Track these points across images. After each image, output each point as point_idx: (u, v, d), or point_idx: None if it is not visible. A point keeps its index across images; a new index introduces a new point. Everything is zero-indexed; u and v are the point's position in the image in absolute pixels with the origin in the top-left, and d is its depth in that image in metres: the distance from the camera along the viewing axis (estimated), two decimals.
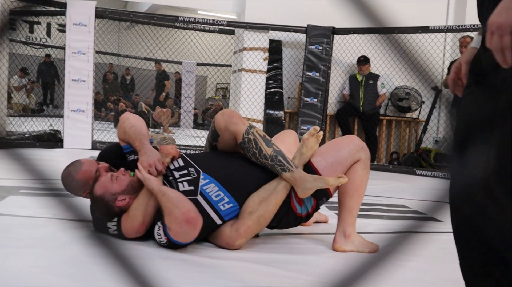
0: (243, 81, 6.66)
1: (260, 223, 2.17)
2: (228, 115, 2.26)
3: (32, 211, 2.61)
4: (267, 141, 2.24)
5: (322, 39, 6.49)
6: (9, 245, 2.01)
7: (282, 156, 2.21)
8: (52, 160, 4.71)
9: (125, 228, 2.11)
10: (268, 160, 2.21)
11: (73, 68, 5.93)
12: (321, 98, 6.56)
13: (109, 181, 2.13)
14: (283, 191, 2.19)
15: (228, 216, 2.17)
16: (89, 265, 1.81)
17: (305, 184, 2.17)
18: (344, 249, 2.23)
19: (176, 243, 2.04)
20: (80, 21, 5.93)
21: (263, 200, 2.17)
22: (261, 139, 2.24)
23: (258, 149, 2.22)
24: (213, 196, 2.15)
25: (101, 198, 2.12)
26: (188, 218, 1.98)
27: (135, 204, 2.11)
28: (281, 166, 2.19)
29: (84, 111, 5.98)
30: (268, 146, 2.23)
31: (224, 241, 2.15)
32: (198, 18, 6.66)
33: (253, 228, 2.15)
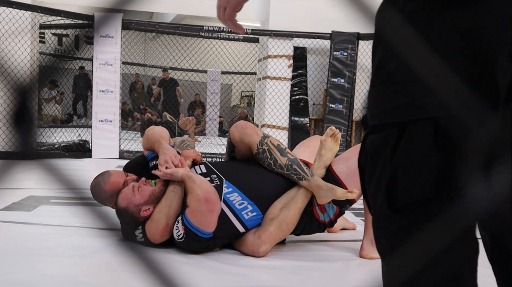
0: (268, 88, 6.67)
1: (283, 228, 2.17)
2: (242, 127, 2.29)
3: (62, 220, 2.65)
4: (281, 150, 2.25)
5: (347, 45, 6.46)
6: (41, 254, 2.05)
7: (297, 164, 2.22)
8: (81, 169, 4.79)
9: (150, 233, 2.13)
10: (284, 170, 2.23)
11: (100, 79, 6.03)
12: (347, 104, 6.52)
13: (131, 192, 2.15)
14: (304, 196, 2.20)
15: (251, 223, 2.18)
16: (120, 273, 1.83)
17: (319, 192, 2.19)
18: (371, 256, 2.21)
19: (192, 231, 2.04)
20: (107, 33, 6.04)
21: (284, 206, 2.18)
22: (275, 149, 2.25)
23: (273, 159, 2.23)
24: (236, 205, 2.17)
25: (126, 210, 2.14)
26: (208, 197, 2.02)
27: (158, 208, 2.14)
28: (297, 175, 2.20)
29: (112, 121, 6.07)
30: (282, 155, 2.24)
31: (249, 249, 2.16)
32: (222, 27, 6.71)
33: (275, 234, 2.15)
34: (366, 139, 0.84)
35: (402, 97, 0.77)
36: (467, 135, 0.75)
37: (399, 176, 0.78)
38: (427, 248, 0.76)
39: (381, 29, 0.82)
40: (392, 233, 0.81)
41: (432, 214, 0.77)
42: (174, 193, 2.15)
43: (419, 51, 0.75)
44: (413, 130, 0.76)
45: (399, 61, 0.77)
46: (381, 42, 0.82)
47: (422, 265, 0.76)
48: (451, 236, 0.76)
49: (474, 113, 0.75)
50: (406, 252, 0.78)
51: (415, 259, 0.77)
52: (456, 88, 0.74)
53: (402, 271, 0.79)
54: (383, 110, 0.80)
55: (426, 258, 0.76)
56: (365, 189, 0.86)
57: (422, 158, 0.76)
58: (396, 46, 0.77)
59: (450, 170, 0.76)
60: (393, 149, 0.78)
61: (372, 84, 0.84)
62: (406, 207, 0.78)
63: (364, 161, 0.84)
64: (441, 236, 0.76)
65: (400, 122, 0.78)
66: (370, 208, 0.85)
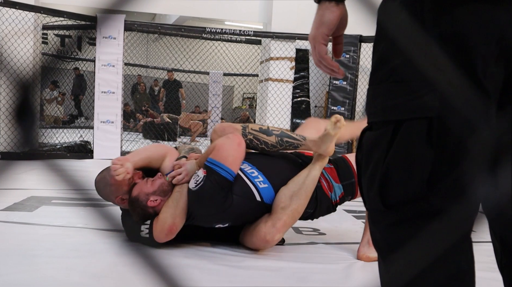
0: (270, 90, 6.67)
1: (294, 217, 2.21)
2: (220, 131, 2.33)
3: (64, 221, 2.65)
4: (266, 131, 2.28)
5: (349, 47, 6.46)
6: (42, 255, 2.05)
7: (286, 136, 2.26)
8: (82, 170, 4.79)
9: (155, 231, 2.14)
10: (278, 147, 2.27)
11: (102, 80, 6.04)
12: (349, 107, 6.52)
13: (145, 183, 2.22)
14: (312, 183, 2.23)
15: (265, 195, 2.21)
16: (122, 274, 1.83)
17: (321, 146, 2.22)
18: (368, 256, 2.21)
19: (215, 170, 2.10)
20: (109, 34, 6.05)
21: (294, 194, 2.20)
22: (259, 133, 2.28)
23: (263, 143, 2.27)
24: (248, 172, 2.23)
25: (136, 198, 2.18)
26: (234, 135, 2.18)
27: (165, 207, 2.17)
28: (292, 145, 2.26)
29: (114, 122, 6.08)
30: (269, 135, 2.27)
31: (262, 238, 2.18)
32: (225, 29, 6.72)
33: (288, 222, 2.19)
34: (363, 136, 0.86)
35: (400, 96, 0.78)
36: (464, 134, 0.76)
37: (392, 172, 0.79)
38: (424, 248, 0.77)
39: (382, 26, 0.83)
40: (386, 228, 0.83)
41: (425, 211, 0.78)
42: (180, 193, 2.18)
43: (422, 50, 0.76)
44: (407, 128, 0.78)
45: (400, 59, 0.78)
46: (382, 39, 0.82)
47: (420, 265, 0.77)
48: (446, 234, 0.77)
49: (472, 113, 0.75)
50: (403, 252, 0.79)
51: (413, 259, 0.78)
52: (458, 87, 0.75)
53: (401, 273, 0.80)
54: (381, 107, 0.82)
55: (424, 258, 0.77)
56: (361, 184, 0.87)
57: (416, 155, 0.77)
58: (400, 43, 0.78)
59: (443, 168, 0.77)
60: (388, 146, 0.79)
61: (371, 81, 0.85)
62: (398, 203, 0.80)
63: (360, 157, 0.86)
64: (437, 235, 0.77)
65: (396, 120, 0.79)
66: (365, 203, 0.86)
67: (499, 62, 0.76)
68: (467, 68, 0.75)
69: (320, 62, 0.95)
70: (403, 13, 0.79)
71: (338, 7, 0.91)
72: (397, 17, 0.80)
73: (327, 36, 0.93)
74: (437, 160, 0.76)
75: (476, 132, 0.76)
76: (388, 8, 0.83)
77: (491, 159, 0.79)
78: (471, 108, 0.75)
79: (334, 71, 0.96)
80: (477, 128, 0.76)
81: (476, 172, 0.77)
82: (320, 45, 0.93)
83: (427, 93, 0.76)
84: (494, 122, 0.78)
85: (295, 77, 6.77)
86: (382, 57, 0.82)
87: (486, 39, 0.75)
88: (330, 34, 0.93)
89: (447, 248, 0.77)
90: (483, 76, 0.76)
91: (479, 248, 1.00)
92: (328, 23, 0.91)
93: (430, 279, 0.78)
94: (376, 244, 0.86)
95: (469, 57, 0.75)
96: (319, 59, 0.95)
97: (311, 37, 0.94)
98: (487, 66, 0.75)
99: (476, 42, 0.75)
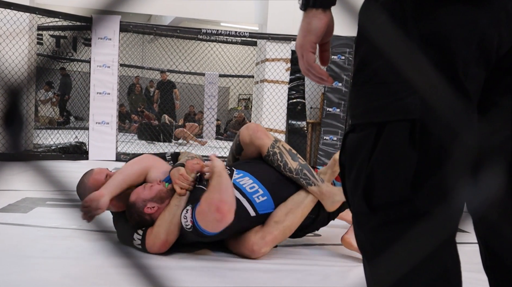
0: (265, 91, 6.67)
1: (286, 233, 2.19)
2: (253, 130, 2.28)
3: (58, 222, 2.64)
4: (293, 155, 2.27)
5: (344, 49, 6.47)
6: (36, 256, 2.04)
7: (308, 170, 2.23)
8: (77, 171, 4.76)
9: (148, 243, 2.12)
10: (293, 174, 2.23)
11: (98, 81, 6.02)
12: (344, 108, 6.53)
13: (142, 188, 2.18)
14: (310, 204, 2.22)
15: (262, 208, 2.17)
16: (115, 276, 1.83)
17: (334, 198, 2.20)
18: (351, 243, 2.20)
19: (198, 229, 2.00)
20: (105, 35, 6.04)
21: (291, 211, 2.18)
22: (286, 153, 2.26)
23: (283, 162, 2.24)
24: (247, 188, 2.18)
25: (134, 204, 2.15)
26: (220, 206, 1.94)
27: (160, 220, 2.11)
28: (306, 179, 2.22)
29: (109, 123, 6.07)
30: (294, 160, 2.25)
31: (249, 247, 2.15)
32: (220, 30, 6.72)
33: (278, 237, 2.17)
34: (346, 138, 0.86)
35: (382, 98, 0.78)
36: (446, 136, 0.76)
37: (377, 175, 0.79)
38: (409, 250, 0.77)
39: (364, 28, 0.83)
40: (370, 230, 0.82)
41: (409, 213, 0.78)
42: (178, 207, 2.12)
43: (403, 51, 0.77)
44: (391, 131, 0.78)
45: (382, 60, 0.78)
46: (364, 41, 0.83)
47: (405, 267, 0.77)
48: (431, 236, 0.77)
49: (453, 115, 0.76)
50: (388, 254, 0.79)
51: (398, 261, 0.78)
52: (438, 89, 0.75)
53: (386, 275, 0.80)
54: (364, 109, 0.81)
55: (409, 260, 0.77)
56: (345, 186, 0.87)
57: (399, 158, 0.77)
58: (381, 45, 0.78)
59: (426, 170, 0.76)
60: (371, 148, 0.79)
61: (353, 83, 0.85)
62: (383, 205, 0.79)
63: (344, 159, 0.86)
64: (422, 237, 0.77)
65: (380, 122, 0.79)
66: (350, 205, 0.86)
67: (480, 63, 0.76)
68: (448, 69, 0.75)
69: (308, 70, 0.93)
70: (384, 14, 0.79)
71: (325, 14, 0.90)
72: (378, 18, 0.80)
73: (315, 44, 0.91)
74: (421, 162, 0.76)
75: (458, 134, 0.76)
76: (369, 10, 0.83)
77: (473, 162, 0.79)
78: (452, 110, 0.75)
79: (323, 79, 0.93)
80: (459, 130, 0.76)
81: (459, 174, 0.77)
82: (308, 53, 0.91)
83: (409, 95, 0.76)
84: (476, 123, 0.78)
85: (291, 79, 6.77)
86: (364, 58, 0.82)
87: (467, 40, 0.75)
88: (318, 41, 0.91)
89: (432, 249, 0.77)
90: (464, 77, 0.76)
91: (472, 249, 1.00)
92: (316, 31, 0.89)
93: (415, 280, 0.78)
94: (361, 246, 0.86)
95: (450, 58, 0.75)
96: (307, 67, 0.93)
97: (298, 45, 0.92)
98: (468, 67, 0.76)
99: (457, 43, 0.75)
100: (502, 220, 0.86)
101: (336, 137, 6.51)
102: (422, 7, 0.76)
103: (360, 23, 0.85)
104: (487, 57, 0.76)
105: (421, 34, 0.76)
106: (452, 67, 0.75)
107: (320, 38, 0.91)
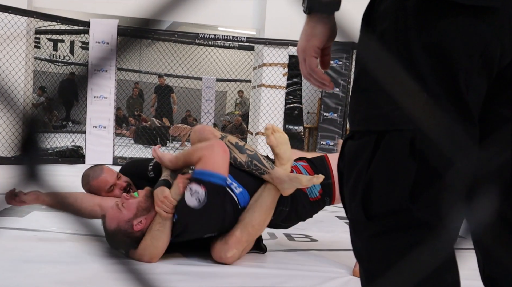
0: (263, 96, 6.68)
1: (249, 231, 2.11)
2: (200, 131, 2.28)
3: (54, 226, 2.64)
4: (240, 148, 2.22)
5: (341, 54, 6.49)
6: (32, 261, 2.03)
7: (257, 159, 2.19)
8: (73, 175, 4.76)
9: (135, 256, 2.08)
10: (244, 167, 2.20)
11: (95, 85, 6.02)
12: (341, 113, 6.54)
13: (118, 211, 2.05)
14: (269, 194, 2.15)
15: (242, 199, 2.15)
16: (110, 281, 1.82)
17: (283, 185, 2.12)
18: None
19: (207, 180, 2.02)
20: (102, 39, 6.04)
21: (249, 208, 2.14)
22: (233, 147, 2.21)
23: (232, 157, 2.19)
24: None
25: (118, 230, 2.05)
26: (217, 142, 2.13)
27: (143, 244, 2.05)
28: (258, 170, 2.17)
29: (106, 127, 6.06)
30: (242, 152, 2.21)
31: (217, 255, 2.12)
32: (218, 35, 6.73)
33: (240, 237, 2.10)
34: (345, 144, 0.85)
35: (383, 106, 0.77)
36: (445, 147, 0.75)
37: (375, 183, 0.78)
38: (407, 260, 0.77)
39: (365, 35, 0.83)
40: (368, 239, 0.82)
41: (407, 223, 0.77)
42: (161, 232, 2.05)
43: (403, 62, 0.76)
44: (391, 140, 0.77)
45: (383, 69, 0.78)
46: (365, 48, 0.83)
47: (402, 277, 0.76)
48: (429, 247, 0.76)
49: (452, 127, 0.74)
50: (384, 263, 0.78)
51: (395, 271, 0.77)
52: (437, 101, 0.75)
53: (382, 284, 0.79)
54: (364, 117, 0.81)
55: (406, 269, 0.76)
56: (342, 193, 0.86)
57: (398, 167, 0.76)
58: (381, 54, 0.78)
59: (426, 180, 0.76)
60: (370, 156, 0.78)
61: (353, 90, 0.84)
62: (381, 214, 0.79)
63: (342, 166, 0.85)
64: (419, 247, 0.76)
65: (379, 130, 0.78)
66: (347, 213, 0.86)
67: (482, 74, 0.76)
68: (449, 80, 0.75)
69: (310, 75, 0.91)
70: (386, 22, 0.78)
71: (329, 19, 0.89)
72: (379, 26, 0.80)
73: (319, 49, 0.90)
74: (420, 172, 0.75)
75: (457, 148, 0.75)
76: (371, 17, 0.82)
77: (472, 177, 0.78)
78: (450, 121, 0.75)
79: (325, 84, 0.92)
80: (458, 145, 0.75)
81: (459, 187, 0.77)
82: (311, 57, 0.90)
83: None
84: (475, 137, 0.77)
85: (288, 83, 6.78)
86: (365, 66, 0.81)
87: (470, 51, 0.74)
88: (321, 46, 0.90)
89: (430, 260, 0.76)
90: (466, 88, 0.75)
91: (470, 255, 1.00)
92: (320, 35, 0.88)
93: None
94: (357, 254, 0.85)
95: (451, 69, 0.75)
96: (309, 72, 0.91)
97: (300, 49, 0.91)
98: (470, 78, 0.75)
99: (459, 54, 0.74)
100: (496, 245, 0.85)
101: (333, 142, 6.52)
102: (425, 17, 0.75)
103: (362, 29, 0.84)
104: (489, 68, 0.76)
105: (423, 44, 0.75)
106: (453, 78, 0.75)
107: (324, 43, 0.90)
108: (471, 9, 0.73)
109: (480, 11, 0.74)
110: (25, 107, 5.16)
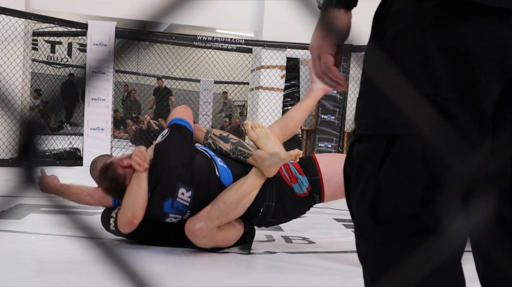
0: (261, 98, 6.68)
1: (219, 207, 2.17)
2: (180, 109, 2.47)
3: (51, 229, 2.63)
4: (224, 138, 2.35)
5: None
6: (29, 263, 2.03)
7: (240, 145, 2.31)
8: (70, 178, 4.75)
9: (119, 223, 2.19)
10: (230, 155, 2.30)
11: (93, 87, 6.00)
12: (339, 115, 6.54)
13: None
14: (250, 177, 2.22)
15: (222, 174, 2.24)
16: (108, 284, 1.82)
17: (264, 162, 2.20)
18: None
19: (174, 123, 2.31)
20: (100, 41, 6.04)
21: (229, 188, 2.21)
22: (218, 138, 2.35)
23: (218, 148, 2.33)
24: (209, 152, 2.32)
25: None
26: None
27: (124, 200, 2.19)
28: (242, 154, 2.27)
29: (104, 129, 6.05)
30: (226, 142, 2.33)
31: (187, 228, 2.19)
32: (216, 37, 6.73)
33: (210, 211, 2.16)
34: (353, 147, 0.83)
35: (395, 109, 0.74)
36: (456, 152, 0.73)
37: (385, 189, 0.77)
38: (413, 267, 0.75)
39: (377, 36, 0.81)
40: (374, 244, 0.80)
41: (416, 230, 0.75)
42: (138, 186, 2.18)
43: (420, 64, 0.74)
44: (401, 144, 0.75)
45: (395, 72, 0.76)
46: (375, 50, 0.80)
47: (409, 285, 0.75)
48: (436, 254, 0.75)
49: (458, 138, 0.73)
50: (391, 269, 0.77)
51: (401, 278, 0.76)
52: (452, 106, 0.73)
53: None
54: (374, 120, 0.79)
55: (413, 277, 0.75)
56: (349, 197, 0.84)
57: (409, 173, 0.75)
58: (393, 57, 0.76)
59: (436, 187, 0.74)
60: (380, 161, 0.77)
61: (362, 92, 0.82)
62: (389, 220, 0.77)
63: (350, 170, 0.83)
64: (427, 254, 0.75)
65: (390, 134, 0.76)
66: (353, 217, 0.84)
67: (499, 79, 0.74)
68: (467, 84, 0.73)
69: (324, 73, 0.87)
70: (400, 23, 0.76)
71: (347, 15, 0.85)
72: (392, 27, 0.77)
73: (335, 46, 0.86)
74: (431, 179, 0.74)
75: (468, 153, 0.73)
76: (381, 18, 0.80)
77: (484, 182, 0.76)
78: (463, 127, 0.73)
79: (340, 83, 0.88)
80: (470, 147, 0.73)
81: (468, 194, 0.75)
82: (327, 55, 0.86)
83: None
84: (489, 141, 0.76)
85: (286, 86, 6.78)
86: (376, 68, 0.79)
87: (491, 55, 0.72)
88: (338, 43, 0.86)
89: (437, 267, 0.75)
90: (484, 94, 0.73)
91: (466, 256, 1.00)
92: (338, 32, 0.85)
93: None
94: (363, 259, 0.84)
95: (472, 73, 0.72)
96: (324, 70, 0.87)
97: (315, 46, 0.87)
98: (489, 83, 0.73)
99: (480, 58, 0.72)
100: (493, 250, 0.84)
101: (330, 144, 6.52)
102: (445, 19, 0.73)
103: (372, 30, 0.81)
104: (506, 73, 0.74)
105: (440, 46, 0.73)
106: (472, 83, 0.72)
107: (340, 40, 0.87)
108: (493, 11, 0.71)
109: (502, 13, 0.71)
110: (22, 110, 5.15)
